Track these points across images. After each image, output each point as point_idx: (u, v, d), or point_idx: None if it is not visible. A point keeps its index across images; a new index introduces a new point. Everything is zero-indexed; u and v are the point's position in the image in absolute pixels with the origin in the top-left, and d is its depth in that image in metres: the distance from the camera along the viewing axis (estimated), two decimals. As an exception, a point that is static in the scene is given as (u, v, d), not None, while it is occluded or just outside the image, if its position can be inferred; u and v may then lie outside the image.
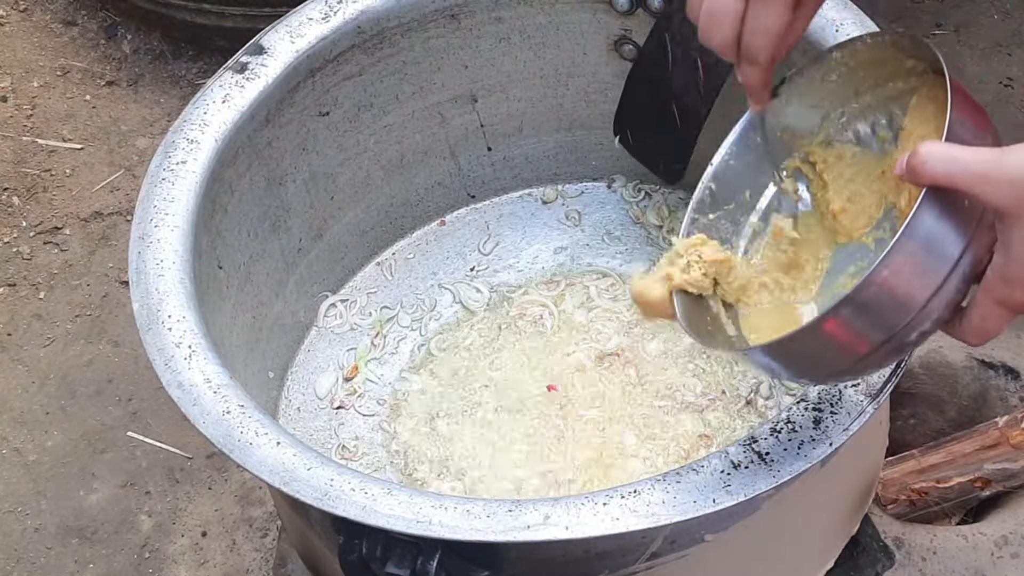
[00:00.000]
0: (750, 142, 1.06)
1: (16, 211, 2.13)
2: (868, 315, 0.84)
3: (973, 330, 0.88)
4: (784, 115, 1.05)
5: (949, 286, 0.84)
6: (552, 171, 1.56)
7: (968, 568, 1.52)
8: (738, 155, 1.07)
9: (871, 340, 0.86)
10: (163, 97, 2.27)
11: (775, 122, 1.05)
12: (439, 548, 0.98)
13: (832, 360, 0.88)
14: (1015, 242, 0.82)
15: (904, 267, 0.83)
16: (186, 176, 1.21)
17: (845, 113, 1.03)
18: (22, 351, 1.97)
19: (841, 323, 0.85)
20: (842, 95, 1.03)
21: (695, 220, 1.07)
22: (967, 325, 0.88)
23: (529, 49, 1.43)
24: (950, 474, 1.58)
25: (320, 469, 1.01)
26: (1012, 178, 0.80)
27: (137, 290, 1.13)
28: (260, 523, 1.76)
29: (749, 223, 1.08)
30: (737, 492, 0.97)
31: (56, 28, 2.37)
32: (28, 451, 1.87)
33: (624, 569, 1.07)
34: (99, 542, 1.77)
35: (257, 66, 1.29)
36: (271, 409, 1.39)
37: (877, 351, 0.87)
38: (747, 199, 1.08)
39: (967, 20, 2.26)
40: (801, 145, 1.06)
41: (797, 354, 0.89)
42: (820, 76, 1.03)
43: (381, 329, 1.48)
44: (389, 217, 1.52)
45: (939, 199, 0.82)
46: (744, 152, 1.07)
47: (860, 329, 0.85)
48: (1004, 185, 0.80)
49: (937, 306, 0.85)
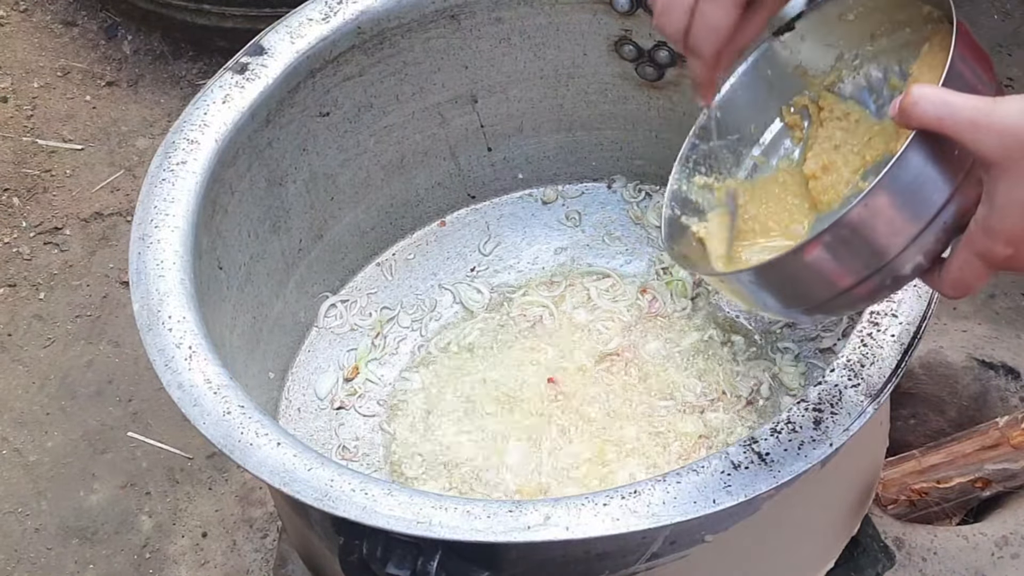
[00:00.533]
0: (761, 74, 1.05)
1: (16, 211, 2.13)
2: (849, 247, 0.84)
3: (951, 281, 0.87)
4: (798, 50, 1.03)
5: (931, 232, 0.84)
6: (552, 171, 1.56)
7: (968, 568, 1.52)
8: (748, 86, 1.05)
9: (851, 273, 0.86)
10: (163, 98, 2.27)
11: (788, 57, 1.04)
12: (439, 549, 0.98)
13: (813, 289, 0.88)
14: (999, 194, 0.81)
15: (887, 205, 0.82)
16: (186, 177, 1.21)
17: (859, 56, 1.02)
18: (22, 351, 1.97)
19: (823, 250, 0.84)
20: (858, 37, 1.01)
21: (695, 146, 1.05)
22: (946, 276, 0.87)
23: (529, 49, 1.43)
24: (950, 474, 1.58)
25: (320, 470, 1.01)
26: (1002, 128, 0.79)
27: (137, 291, 1.13)
28: (260, 523, 1.76)
29: (751, 156, 1.06)
30: (737, 493, 0.97)
31: (56, 29, 2.37)
32: (28, 451, 1.87)
33: (624, 569, 1.07)
34: (99, 542, 1.77)
35: (257, 67, 1.29)
36: (271, 410, 1.39)
37: (856, 287, 0.87)
38: (752, 132, 1.06)
39: (967, 20, 2.25)
40: (812, 84, 1.04)
41: (779, 281, 0.89)
42: (837, 14, 1.01)
43: (381, 329, 1.48)
44: (389, 218, 1.52)
45: (928, 143, 0.82)
46: (754, 83, 1.05)
47: (841, 260, 0.85)
48: (993, 134, 0.79)
49: (917, 251, 0.85)
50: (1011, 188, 0.80)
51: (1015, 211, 0.81)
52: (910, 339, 1.06)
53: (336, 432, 1.41)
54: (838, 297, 0.88)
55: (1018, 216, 0.81)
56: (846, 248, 0.84)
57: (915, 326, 1.06)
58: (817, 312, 0.93)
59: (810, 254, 0.85)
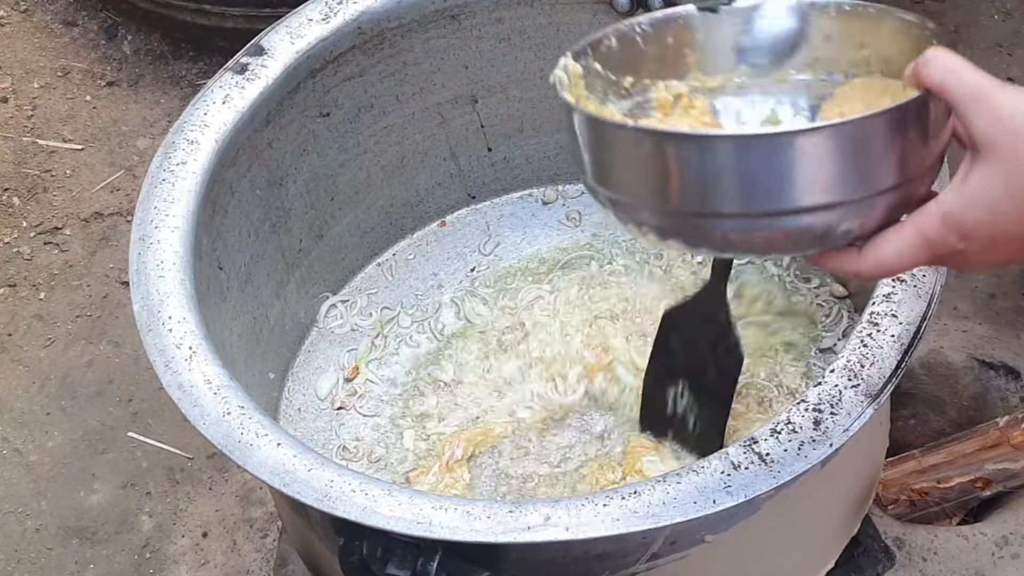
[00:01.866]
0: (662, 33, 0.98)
1: (16, 211, 2.13)
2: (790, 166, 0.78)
3: (878, 260, 0.82)
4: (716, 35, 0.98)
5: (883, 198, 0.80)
6: (552, 171, 1.56)
7: (969, 568, 1.52)
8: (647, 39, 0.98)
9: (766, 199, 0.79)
10: (163, 98, 2.27)
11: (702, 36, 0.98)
12: (439, 549, 0.98)
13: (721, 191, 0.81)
14: (973, 180, 0.78)
15: (860, 146, 0.77)
16: (186, 177, 1.21)
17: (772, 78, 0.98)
18: (22, 351, 1.97)
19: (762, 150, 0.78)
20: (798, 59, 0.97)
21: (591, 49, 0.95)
22: (872, 252, 0.82)
23: (529, 49, 1.43)
24: (951, 474, 1.58)
25: (320, 470, 1.01)
26: (999, 110, 0.77)
27: (137, 291, 1.13)
28: (261, 523, 1.76)
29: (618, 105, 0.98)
30: (737, 493, 0.97)
31: (57, 29, 2.37)
32: (29, 451, 1.87)
33: (625, 570, 1.07)
34: (100, 543, 1.77)
35: (257, 67, 1.29)
36: (272, 410, 1.39)
37: (764, 218, 0.80)
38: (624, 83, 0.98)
39: (967, 20, 2.26)
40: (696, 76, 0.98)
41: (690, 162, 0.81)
42: None
43: (382, 330, 1.48)
44: (389, 218, 1.52)
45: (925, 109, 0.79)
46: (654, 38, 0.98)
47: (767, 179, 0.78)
48: (987, 115, 0.77)
49: (859, 213, 0.80)
50: (987, 179, 0.77)
51: (982, 205, 0.78)
52: (910, 339, 1.05)
53: (336, 432, 1.41)
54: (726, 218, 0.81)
55: (983, 211, 0.78)
56: (786, 164, 0.78)
57: (915, 326, 1.06)
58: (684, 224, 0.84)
59: (747, 146, 0.78)
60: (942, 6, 2.29)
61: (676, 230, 0.87)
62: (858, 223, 0.82)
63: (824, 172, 0.79)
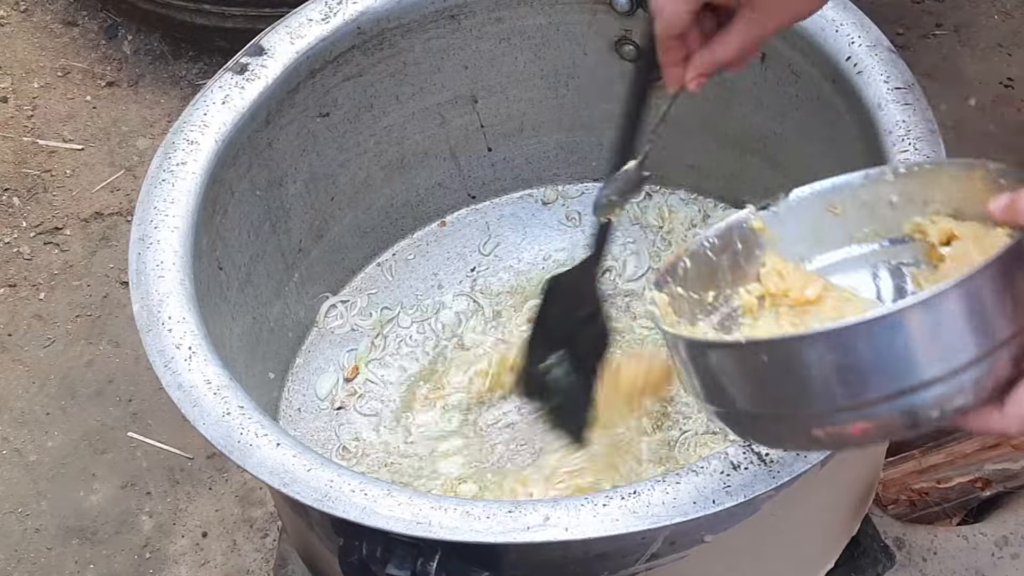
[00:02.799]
0: (728, 245, 0.97)
1: (16, 211, 2.13)
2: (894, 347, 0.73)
3: (1018, 411, 0.76)
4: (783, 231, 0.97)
5: (1004, 351, 0.75)
6: (552, 172, 1.56)
7: (968, 568, 1.52)
8: (717, 250, 0.97)
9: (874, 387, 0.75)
10: (163, 98, 2.27)
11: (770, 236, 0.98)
12: (439, 549, 0.98)
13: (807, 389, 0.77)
14: None
15: (963, 309, 0.73)
16: (186, 177, 1.21)
17: None
18: (22, 351, 1.97)
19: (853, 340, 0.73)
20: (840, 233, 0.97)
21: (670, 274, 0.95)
22: (1013, 407, 0.76)
23: (529, 50, 1.43)
24: (950, 474, 1.58)
25: (320, 470, 1.01)
26: None
27: (137, 291, 1.13)
28: (261, 524, 1.76)
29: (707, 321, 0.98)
30: (737, 493, 0.97)
31: (56, 29, 2.37)
32: (28, 451, 1.87)
33: (624, 570, 1.07)
34: (100, 542, 1.77)
35: (257, 67, 1.29)
36: (272, 410, 1.39)
37: (869, 407, 0.76)
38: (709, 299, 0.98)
39: (967, 20, 2.26)
40: None
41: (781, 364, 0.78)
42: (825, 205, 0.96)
43: (381, 330, 1.48)
44: (389, 218, 1.52)
45: None
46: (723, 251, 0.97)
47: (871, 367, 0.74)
48: None
49: (978, 373, 0.75)
50: None
51: None
52: (910, 340, 1.05)
53: (336, 432, 1.41)
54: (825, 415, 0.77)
55: None
56: (887, 348, 0.73)
57: (915, 327, 1.06)
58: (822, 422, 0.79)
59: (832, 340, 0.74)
60: (942, 6, 2.29)
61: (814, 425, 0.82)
62: (980, 381, 0.77)
63: (958, 332, 0.75)
